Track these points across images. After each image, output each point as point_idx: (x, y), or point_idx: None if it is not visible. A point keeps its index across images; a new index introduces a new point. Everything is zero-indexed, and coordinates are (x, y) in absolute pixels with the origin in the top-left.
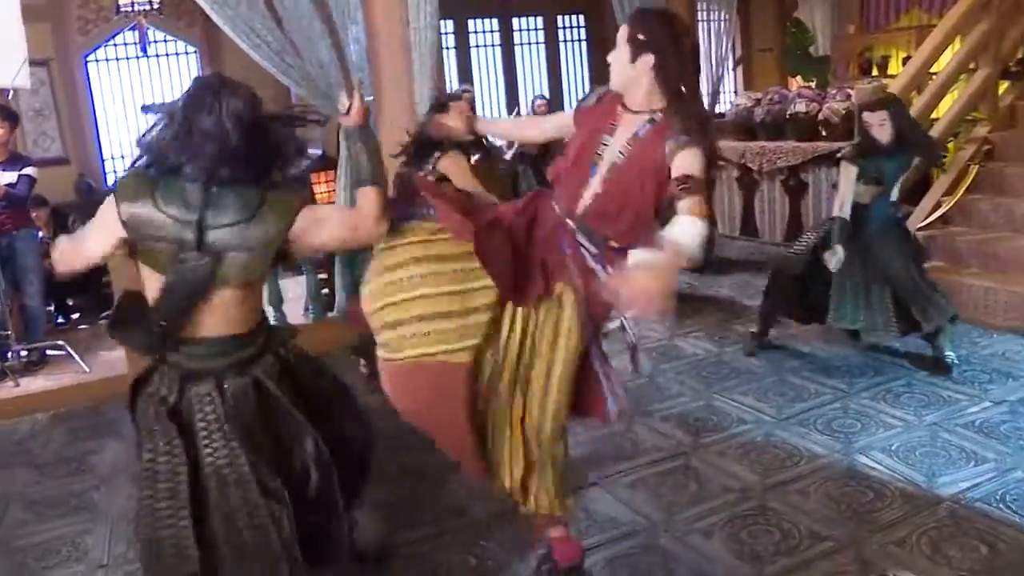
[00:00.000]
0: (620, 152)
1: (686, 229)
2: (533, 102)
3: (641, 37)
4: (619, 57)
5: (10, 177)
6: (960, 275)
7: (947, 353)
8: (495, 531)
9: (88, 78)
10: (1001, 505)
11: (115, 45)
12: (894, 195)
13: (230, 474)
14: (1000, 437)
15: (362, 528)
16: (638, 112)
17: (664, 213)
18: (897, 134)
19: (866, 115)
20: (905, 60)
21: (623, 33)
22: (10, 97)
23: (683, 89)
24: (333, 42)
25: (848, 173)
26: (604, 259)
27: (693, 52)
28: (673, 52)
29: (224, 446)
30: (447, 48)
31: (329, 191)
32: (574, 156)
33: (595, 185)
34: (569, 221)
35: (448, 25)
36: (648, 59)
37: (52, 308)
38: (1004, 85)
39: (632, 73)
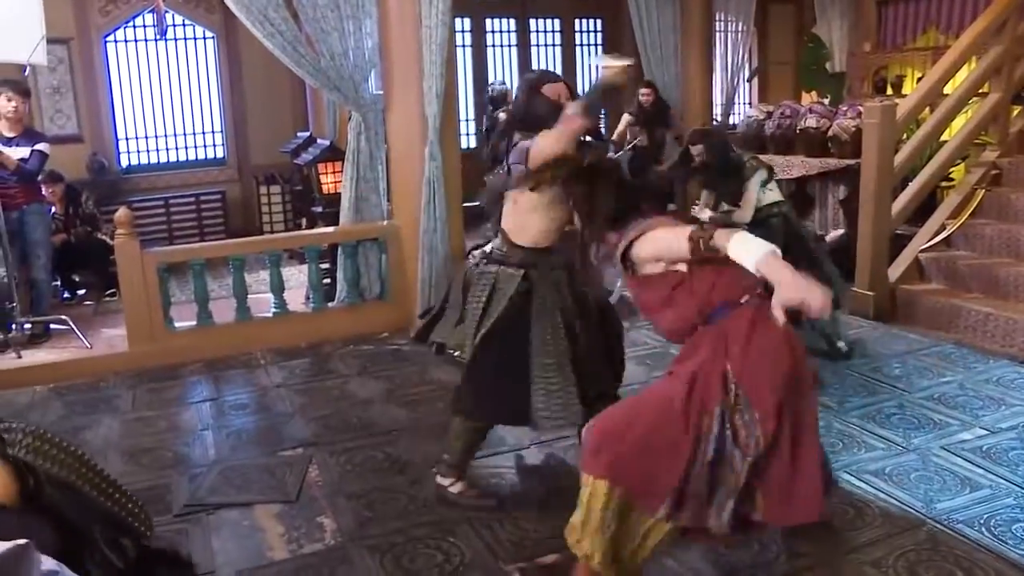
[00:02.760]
0: None
1: (749, 243)
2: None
3: None
4: None
5: (23, 152)
6: (961, 299)
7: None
8: (465, 530)
9: (107, 58)
10: (983, 530)
11: (135, 27)
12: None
13: None
14: (991, 464)
15: (341, 514)
16: None
17: None
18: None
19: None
20: (920, 80)
21: None
22: (26, 73)
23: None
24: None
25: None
26: None
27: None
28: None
29: None
30: (463, 46)
31: (336, 182)
32: None
33: None
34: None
35: (465, 23)
36: None
37: (58, 283)
38: (1016, 110)
39: None
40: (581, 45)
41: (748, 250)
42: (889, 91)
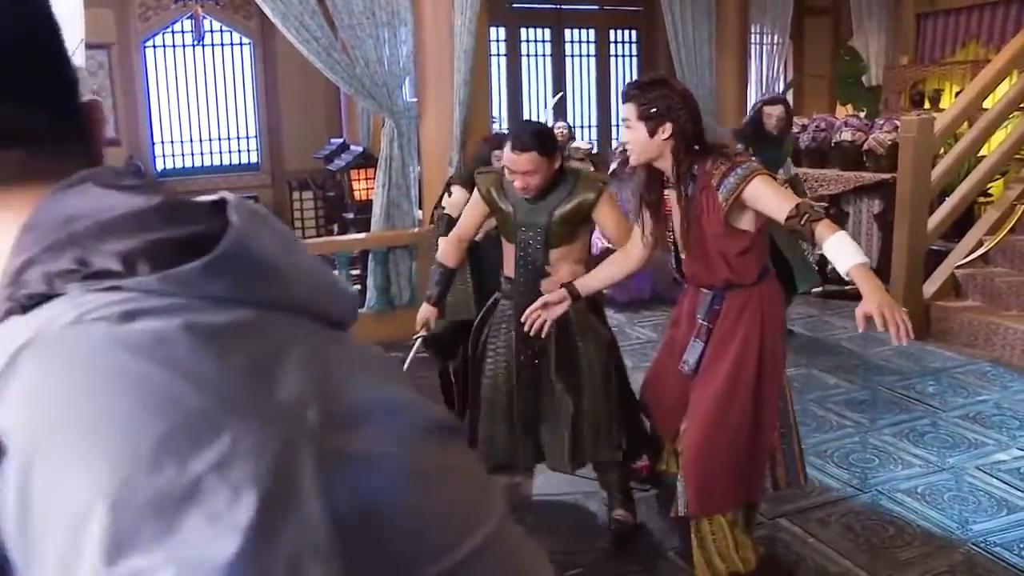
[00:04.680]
0: (682, 225)
1: (847, 247)
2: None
3: (655, 110)
4: (637, 135)
5: None
6: (998, 316)
7: None
8: None
9: (145, 63)
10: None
11: (173, 32)
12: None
13: None
14: None
15: None
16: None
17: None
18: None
19: (766, 108)
20: (959, 94)
21: (632, 111)
22: None
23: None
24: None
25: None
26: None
27: (688, 98)
28: (685, 112)
29: None
30: (497, 55)
31: (368, 188)
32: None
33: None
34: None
35: (500, 32)
36: (667, 128)
37: None
38: None
39: (655, 146)
40: (616, 56)
41: (845, 252)
42: (926, 105)
